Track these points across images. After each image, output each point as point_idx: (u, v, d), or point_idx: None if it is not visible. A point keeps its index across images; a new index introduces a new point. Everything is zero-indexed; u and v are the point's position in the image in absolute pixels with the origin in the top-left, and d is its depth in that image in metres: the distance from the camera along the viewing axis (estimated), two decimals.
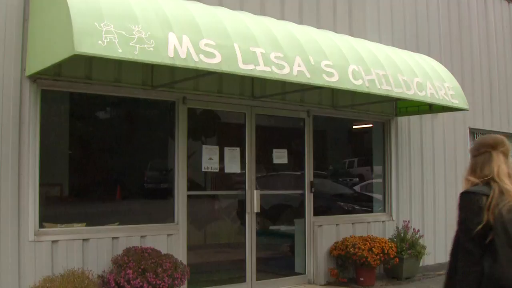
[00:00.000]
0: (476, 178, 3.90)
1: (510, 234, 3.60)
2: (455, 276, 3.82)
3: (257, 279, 9.52)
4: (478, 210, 3.71)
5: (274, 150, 10.05)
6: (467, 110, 10.67)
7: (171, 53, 6.29)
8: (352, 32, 10.79)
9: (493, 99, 14.43)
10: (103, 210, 8.55)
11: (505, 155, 3.95)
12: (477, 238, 3.68)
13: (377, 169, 12.05)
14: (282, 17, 9.55)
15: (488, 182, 3.83)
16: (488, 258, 3.63)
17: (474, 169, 3.98)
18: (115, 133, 8.90)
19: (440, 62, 11.10)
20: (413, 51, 10.82)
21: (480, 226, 3.66)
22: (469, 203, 3.81)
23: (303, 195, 10.28)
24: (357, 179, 12.54)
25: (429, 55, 11.16)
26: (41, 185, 7.39)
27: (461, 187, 3.99)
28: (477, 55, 14.08)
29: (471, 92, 13.15)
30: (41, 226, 7.38)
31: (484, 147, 3.99)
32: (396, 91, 8.80)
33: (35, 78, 7.28)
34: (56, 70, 7.42)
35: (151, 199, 9.29)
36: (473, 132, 13.94)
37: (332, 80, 7.85)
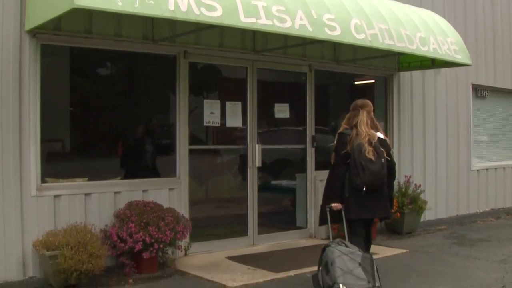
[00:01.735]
0: (347, 125, 6.93)
1: (355, 157, 6.58)
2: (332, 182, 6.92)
3: (259, 233, 9.62)
4: (344, 143, 6.76)
5: (276, 104, 10.04)
6: (470, 65, 10.58)
7: (171, 6, 6.20)
8: None
9: (497, 55, 14.31)
10: (105, 165, 8.56)
11: (368, 112, 6.92)
12: (343, 158, 6.73)
13: (379, 125, 12.00)
14: None
15: (353, 127, 6.81)
16: (348, 170, 6.69)
17: (348, 119, 6.99)
18: (116, 88, 8.86)
19: (443, 17, 10.96)
20: (416, 6, 10.69)
21: (344, 152, 6.71)
22: (340, 139, 6.85)
23: (304, 149, 10.30)
24: None
25: (432, 10, 11.02)
26: (43, 140, 7.40)
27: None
28: (481, 10, 13.89)
29: (474, 48, 13.04)
30: (43, 181, 7.41)
31: (356, 107, 6.98)
32: (399, 46, 8.72)
33: (34, 32, 7.22)
34: (56, 24, 7.35)
35: (153, 155, 9.29)
36: (476, 88, 13.87)
37: (334, 34, 7.78)
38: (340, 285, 5.91)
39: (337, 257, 6.12)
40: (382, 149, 6.72)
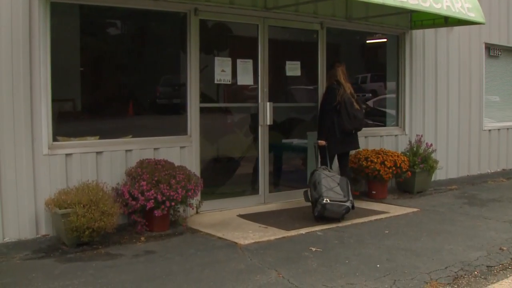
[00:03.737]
0: (333, 80, 9.14)
1: (348, 109, 8.84)
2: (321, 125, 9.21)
3: (270, 191, 9.66)
4: (335, 96, 8.94)
5: (287, 62, 9.96)
6: (483, 24, 10.43)
7: None
8: None
9: (510, 14, 14.09)
10: (116, 124, 8.56)
11: (342, 70, 9.12)
12: (333, 107, 8.87)
13: (391, 84, 11.96)
14: None
15: (336, 82, 9.04)
16: (336, 116, 8.89)
17: (333, 75, 9.21)
18: (127, 47, 8.81)
19: None
20: None
21: (335, 103, 8.87)
22: (332, 92, 9.04)
23: (316, 108, 10.22)
24: (370, 94, 12.47)
25: None
26: (54, 100, 7.38)
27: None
28: None
29: (488, 6, 12.83)
30: (54, 140, 7.42)
31: (333, 66, 9.24)
32: (411, 3, 8.59)
33: None
34: None
35: (164, 114, 9.29)
36: (489, 47, 13.72)
37: None
38: (324, 198, 8.03)
39: (322, 178, 8.30)
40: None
